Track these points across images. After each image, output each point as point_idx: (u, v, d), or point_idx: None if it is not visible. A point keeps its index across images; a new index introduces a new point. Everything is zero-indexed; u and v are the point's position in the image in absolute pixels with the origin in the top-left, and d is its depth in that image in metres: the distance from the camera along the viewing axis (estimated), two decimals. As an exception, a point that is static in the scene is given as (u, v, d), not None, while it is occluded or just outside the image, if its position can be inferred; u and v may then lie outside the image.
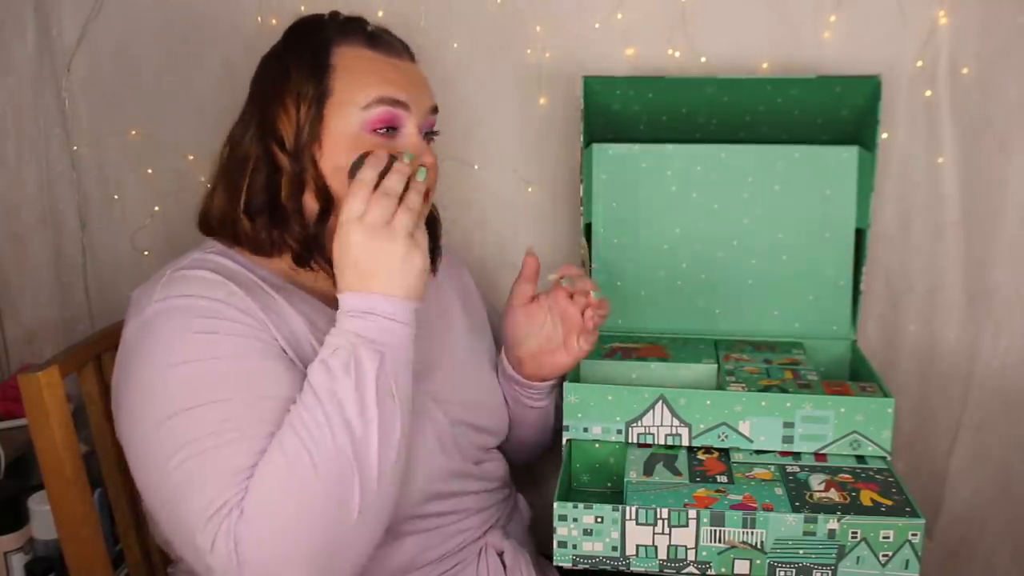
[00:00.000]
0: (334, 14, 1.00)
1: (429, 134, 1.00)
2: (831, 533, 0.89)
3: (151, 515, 0.87)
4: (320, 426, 0.80)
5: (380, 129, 0.94)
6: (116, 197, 1.44)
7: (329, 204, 0.94)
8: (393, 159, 0.90)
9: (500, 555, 1.03)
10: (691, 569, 0.92)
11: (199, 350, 0.85)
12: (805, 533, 0.89)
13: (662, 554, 0.92)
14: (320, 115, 0.93)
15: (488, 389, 1.12)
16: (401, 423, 0.84)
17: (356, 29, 0.97)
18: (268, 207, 0.95)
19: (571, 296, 1.06)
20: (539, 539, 1.17)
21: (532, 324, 1.08)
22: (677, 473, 0.98)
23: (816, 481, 0.96)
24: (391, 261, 0.85)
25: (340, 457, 0.80)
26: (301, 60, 0.95)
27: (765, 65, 1.24)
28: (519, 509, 1.15)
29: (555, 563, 0.95)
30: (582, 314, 1.05)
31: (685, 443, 1.02)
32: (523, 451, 1.20)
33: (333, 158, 0.93)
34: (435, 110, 1.00)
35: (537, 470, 1.30)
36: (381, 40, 0.97)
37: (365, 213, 0.86)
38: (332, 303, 0.98)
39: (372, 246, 0.85)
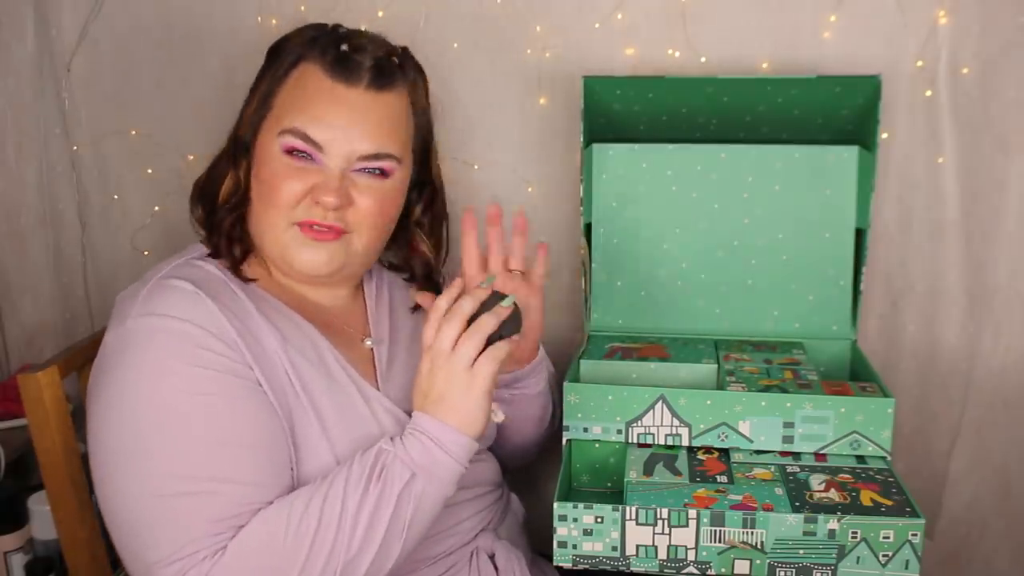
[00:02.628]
0: (334, 27, 0.98)
1: (374, 171, 0.95)
2: (831, 533, 0.89)
3: (105, 519, 0.88)
4: (328, 528, 0.82)
5: (295, 154, 0.93)
6: (116, 197, 1.44)
7: (244, 199, 0.96)
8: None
9: (491, 557, 1.03)
10: (691, 569, 0.92)
11: (180, 381, 0.85)
12: (805, 533, 0.89)
13: (662, 554, 0.92)
14: (258, 126, 0.95)
15: None
16: (399, 555, 0.86)
17: (329, 47, 0.94)
18: (210, 197, 0.98)
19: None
20: (535, 538, 1.16)
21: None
22: (677, 473, 0.98)
23: (816, 481, 0.96)
24: (452, 390, 0.87)
25: (327, 570, 0.82)
26: (271, 66, 0.96)
27: (765, 65, 1.24)
28: (512, 509, 1.14)
29: (555, 563, 0.95)
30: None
31: (685, 443, 1.02)
32: (525, 447, 1.19)
33: (258, 169, 0.95)
34: (374, 158, 0.94)
35: (531, 469, 1.30)
36: (347, 65, 0.93)
37: (434, 340, 0.88)
38: (305, 312, 0.98)
39: (436, 375, 0.87)
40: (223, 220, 0.97)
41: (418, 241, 1.07)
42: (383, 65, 0.95)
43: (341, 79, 0.93)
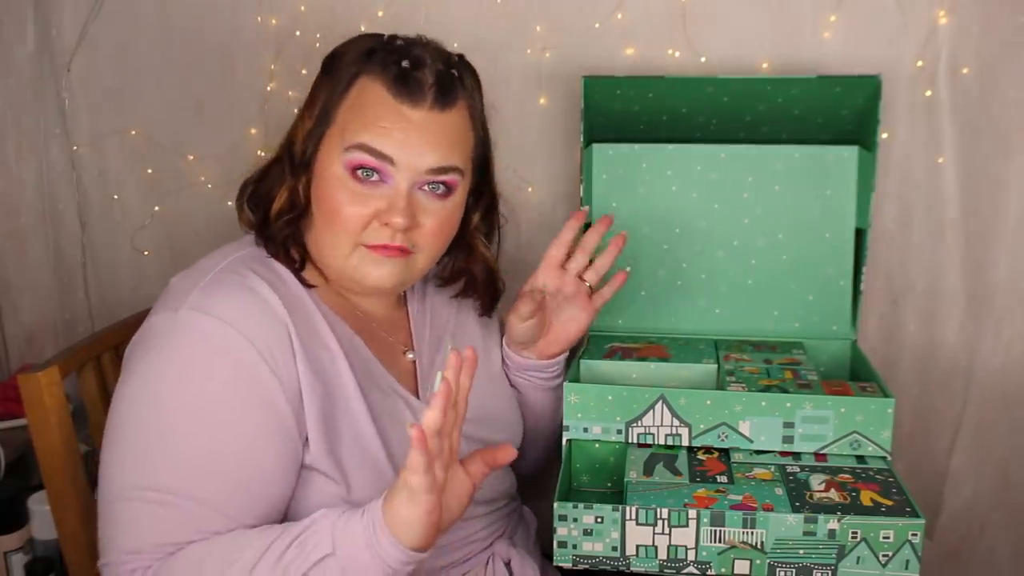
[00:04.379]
0: (390, 39, 0.95)
1: (435, 187, 0.93)
2: (831, 533, 0.89)
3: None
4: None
5: (360, 173, 0.91)
6: (116, 197, 1.44)
7: (302, 215, 0.95)
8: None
9: (507, 564, 1.03)
10: (691, 569, 0.92)
11: (202, 395, 0.84)
12: (805, 533, 0.89)
13: (662, 554, 0.92)
14: (318, 142, 0.93)
15: (506, 401, 1.12)
16: None
17: (390, 64, 0.91)
18: (263, 203, 0.96)
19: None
20: (542, 540, 1.16)
21: (537, 326, 1.08)
22: (677, 473, 0.98)
23: (816, 481, 0.96)
24: (397, 504, 0.78)
25: None
26: (330, 79, 0.94)
27: (765, 65, 1.24)
28: (525, 519, 1.15)
29: (555, 563, 0.94)
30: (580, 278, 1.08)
31: (685, 443, 1.02)
32: (536, 452, 1.20)
33: (318, 187, 0.93)
34: (441, 171, 0.92)
35: (541, 479, 1.30)
36: (408, 82, 0.90)
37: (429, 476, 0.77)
38: (353, 322, 0.98)
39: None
40: (279, 232, 0.95)
41: (478, 245, 1.06)
42: (445, 82, 0.92)
43: (406, 99, 0.90)
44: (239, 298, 0.87)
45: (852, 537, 0.89)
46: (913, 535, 0.88)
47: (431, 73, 0.91)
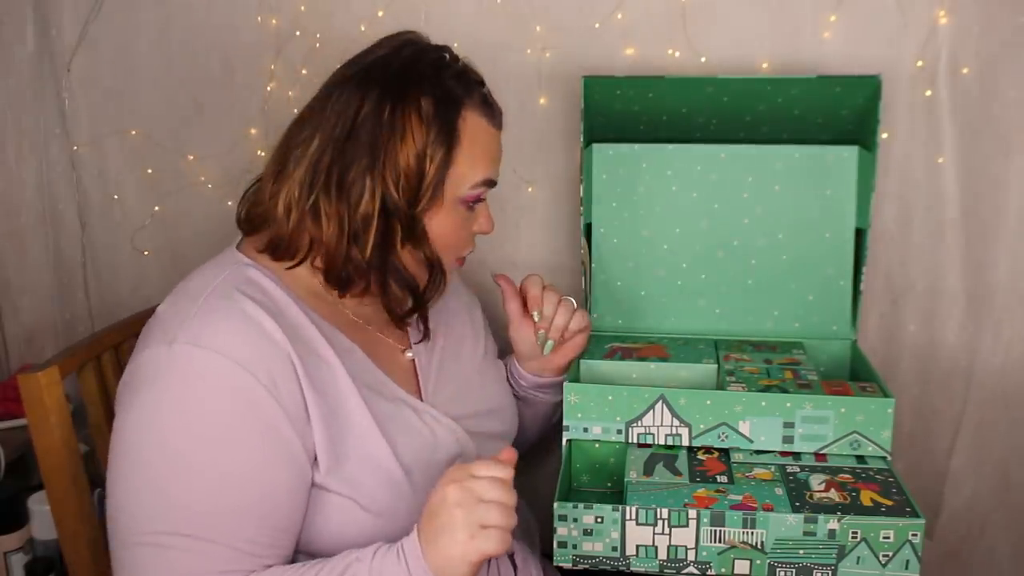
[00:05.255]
0: (453, 58, 0.97)
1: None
2: (831, 533, 0.89)
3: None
4: None
5: (472, 204, 0.97)
6: (116, 197, 1.44)
7: (431, 262, 0.96)
8: None
9: (511, 557, 1.03)
10: (691, 569, 0.92)
11: (208, 430, 0.82)
12: (805, 533, 0.89)
13: (662, 554, 0.92)
14: (443, 182, 0.93)
15: (500, 393, 1.13)
16: None
17: (474, 90, 0.95)
18: (382, 258, 0.93)
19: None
20: (542, 540, 1.16)
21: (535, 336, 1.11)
22: (677, 473, 0.98)
23: (816, 481, 0.96)
24: (456, 535, 0.79)
25: None
26: (432, 117, 0.91)
27: (765, 65, 1.24)
28: (525, 517, 1.15)
29: (555, 563, 0.94)
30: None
31: (685, 443, 1.02)
32: (529, 440, 1.21)
33: (438, 223, 0.94)
34: None
35: (538, 477, 1.30)
36: (492, 108, 0.98)
37: (480, 484, 0.80)
38: (347, 328, 0.97)
39: (455, 512, 0.79)
40: (373, 267, 0.92)
41: None
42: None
43: (498, 127, 0.99)
44: (234, 327, 0.85)
45: (852, 537, 0.89)
46: (913, 535, 0.88)
47: (490, 94, 0.98)
